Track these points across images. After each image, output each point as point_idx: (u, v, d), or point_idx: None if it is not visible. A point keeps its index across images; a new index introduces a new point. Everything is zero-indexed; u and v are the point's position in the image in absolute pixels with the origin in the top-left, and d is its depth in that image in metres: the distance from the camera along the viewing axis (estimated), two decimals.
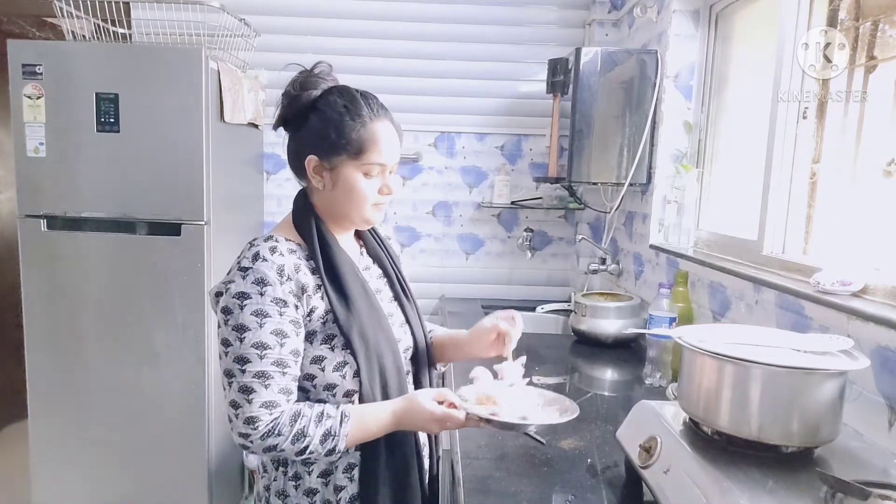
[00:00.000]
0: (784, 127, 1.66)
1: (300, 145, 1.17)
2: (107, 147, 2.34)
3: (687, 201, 2.14)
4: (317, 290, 1.13)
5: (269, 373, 1.07)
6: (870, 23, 1.46)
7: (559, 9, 2.99)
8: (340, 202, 1.17)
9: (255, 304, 1.07)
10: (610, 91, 2.39)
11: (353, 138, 1.13)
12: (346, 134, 1.13)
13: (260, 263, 1.08)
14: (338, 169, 1.15)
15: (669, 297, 1.89)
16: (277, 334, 1.07)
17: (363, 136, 1.14)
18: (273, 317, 1.07)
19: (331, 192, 1.17)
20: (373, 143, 1.14)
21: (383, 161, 1.16)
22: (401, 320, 1.29)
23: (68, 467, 2.51)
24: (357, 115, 1.14)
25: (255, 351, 1.06)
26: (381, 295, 1.27)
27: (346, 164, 1.14)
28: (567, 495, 1.19)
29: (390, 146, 1.18)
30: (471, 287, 3.11)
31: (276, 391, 1.07)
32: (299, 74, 1.18)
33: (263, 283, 1.07)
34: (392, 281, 1.32)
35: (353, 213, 1.18)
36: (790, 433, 0.96)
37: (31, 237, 2.41)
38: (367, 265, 1.30)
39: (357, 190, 1.15)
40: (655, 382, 1.84)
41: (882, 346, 1.15)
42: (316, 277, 1.13)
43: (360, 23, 2.95)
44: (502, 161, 3.06)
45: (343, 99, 1.15)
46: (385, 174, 1.19)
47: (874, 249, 1.38)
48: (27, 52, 2.33)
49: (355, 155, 1.14)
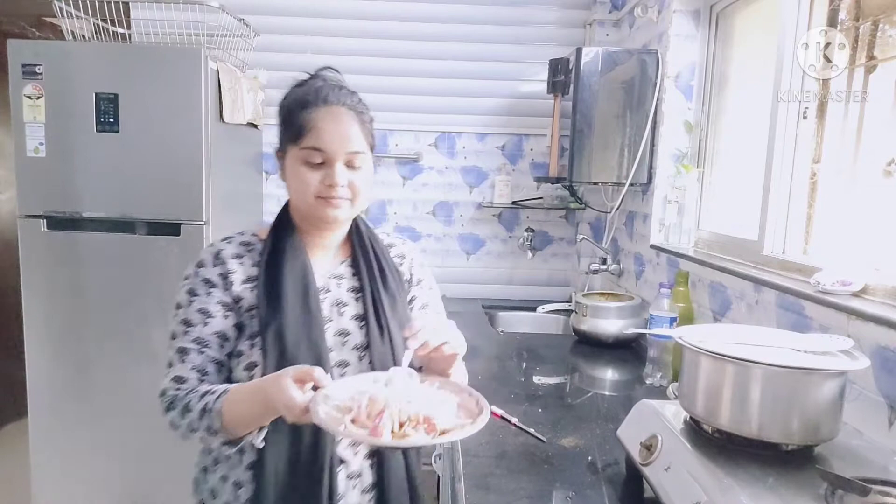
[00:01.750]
0: (784, 127, 1.66)
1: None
2: (106, 147, 2.35)
3: (687, 201, 2.14)
4: (247, 282, 1.13)
5: (188, 349, 1.09)
6: (870, 23, 1.46)
7: (560, 9, 2.99)
8: (290, 193, 1.17)
9: (190, 284, 1.13)
10: (610, 91, 2.39)
11: (295, 123, 1.11)
12: (292, 119, 1.12)
13: (206, 249, 1.17)
14: (286, 157, 1.15)
15: (670, 297, 1.89)
16: (203, 313, 1.10)
17: (303, 121, 1.10)
18: (201, 296, 1.11)
19: (287, 184, 1.16)
20: (311, 127, 1.09)
21: (320, 146, 1.09)
22: (357, 342, 1.16)
23: (68, 467, 2.51)
24: (304, 100, 1.12)
25: (182, 327, 1.10)
26: (342, 309, 1.18)
27: (291, 151, 1.13)
28: (568, 492, 1.19)
29: (332, 133, 1.10)
30: (471, 287, 3.11)
31: (188, 367, 1.08)
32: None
33: (200, 265, 1.14)
34: (366, 300, 1.18)
35: (300, 204, 1.14)
36: (790, 432, 0.96)
37: (31, 237, 2.41)
38: (338, 274, 1.21)
39: (296, 178, 1.12)
40: (656, 382, 1.84)
41: (882, 346, 1.15)
42: (255, 271, 1.14)
43: (359, 23, 2.95)
44: (503, 161, 3.06)
45: (301, 87, 1.15)
46: (333, 166, 1.10)
47: (874, 249, 1.38)
48: (27, 52, 2.33)
49: (295, 140, 1.11)
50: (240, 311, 1.12)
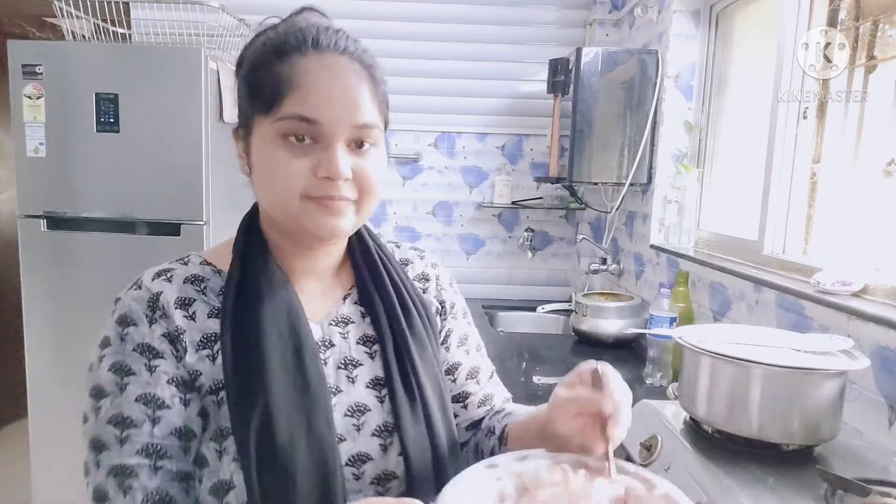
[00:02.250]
0: (784, 127, 1.66)
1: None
2: (106, 147, 2.35)
3: (687, 201, 2.14)
4: (205, 346, 0.73)
5: (131, 467, 0.67)
6: (870, 23, 1.46)
7: (560, 9, 2.99)
8: (260, 193, 0.77)
9: (114, 354, 0.70)
10: (610, 91, 2.39)
11: (266, 81, 0.71)
12: (260, 76, 0.72)
13: (130, 293, 0.73)
14: (252, 136, 0.74)
15: (670, 297, 1.89)
16: (148, 402, 0.69)
17: (281, 75, 0.70)
18: (139, 374, 0.69)
19: (252, 180, 0.77)
20: (294, 86, 0.69)
21: (310, 114, 0.69)
22: (379, 423, 0.77)
23: (68, 467, 2.50)
24: (280, 46, 0.72)
25: (113, 431, 0.68)
26: (353, 372, 0.79)
27: (261, 126, 0.73)
28: None
29: (330, 93, 0.70)
30: (471, 287, 3.11)
31: (139, 500, 0.67)
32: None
33: (125, 322, 0.71)
34: (387, 355, 0.80)
35: (276, 210, 0.74)
36: (790, 432, 0.96)
37: (31, 237, 2.41)
38: (343, 317, 0.82)
39: (271, 167, 0.71)
40: (656, 382, 1.84)
41: (882, 346, 1.15)
42: (216, 323, 0.74)
43: (359, 23, 2.95)
44: (503, 161, 3.06)
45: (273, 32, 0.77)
46: (332, 146, 0.70)
47: (874, 249, 1.38)
48: (27, 52, 2.33)
49: (266, 108, 0.71)
50: (199, 393, 0.72)
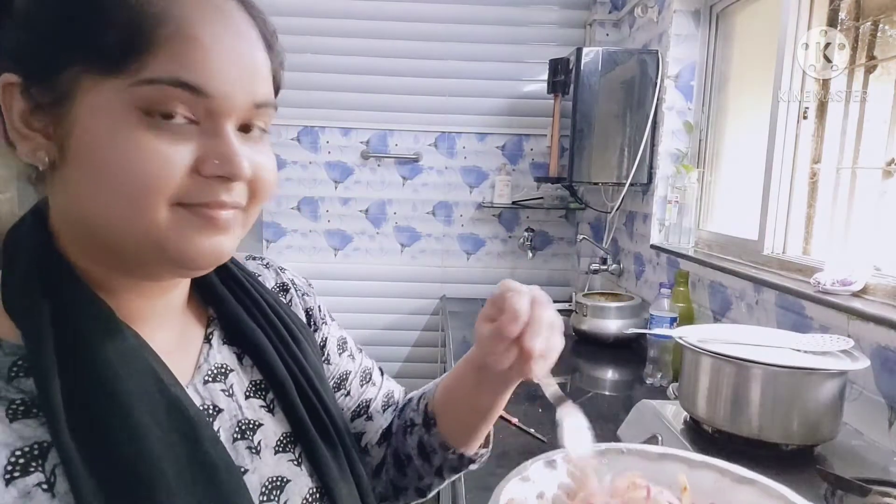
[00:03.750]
0: (784, 127, 1.66)
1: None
2: None
3: (687, 201, 2.14)
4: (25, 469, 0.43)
5: None
6: (870, 23, 1.46)
7: (560, 9, 2.99)
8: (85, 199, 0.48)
9: None
10: (611, 91, 2.39)
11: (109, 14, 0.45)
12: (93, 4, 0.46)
13: None
14: (71, 102, 0.46)
15: (670, 297, 1.89)
16: None
17: (144, 9, 0.45)
18: None
19: (62, 175, 0.49)
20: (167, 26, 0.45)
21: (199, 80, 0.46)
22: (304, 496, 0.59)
23: None
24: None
25: None
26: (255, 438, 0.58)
27: (94, 89, 0.46)
28: None
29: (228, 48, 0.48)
30: (472, 287, 3.11)
31: None
32: None
33: None
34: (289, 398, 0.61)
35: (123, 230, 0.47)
36: (790, 432, 0.97)
37: None
38: (220, 368, 0.60)
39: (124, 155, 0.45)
40: (656, 382, 1.84)
41: (882, 346, 1.15)
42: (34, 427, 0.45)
43: (359, 23, 2.95)
44: (503, 161, 3.06)
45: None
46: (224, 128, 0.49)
47: (874, 249, 1.38)
48: None
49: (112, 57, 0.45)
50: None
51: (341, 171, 3.03)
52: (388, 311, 3.09)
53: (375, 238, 3.09)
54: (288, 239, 3.07)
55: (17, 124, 0.47)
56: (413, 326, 3.13)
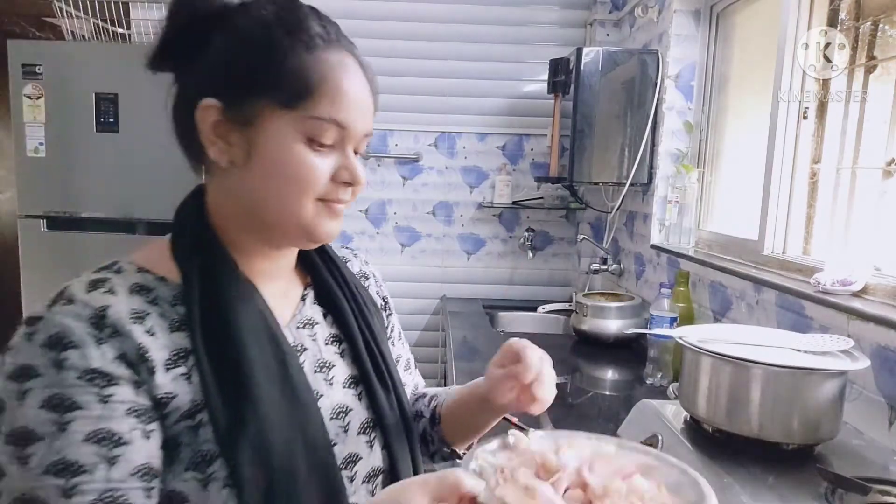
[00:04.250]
0: (784, 127, 1.66)
1: (191, 87, 0.68)
2: (106, 147, 2.35)
3: (688, 201, 2.14)
4: (176, 363, 0.63)
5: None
6: (870, 23, 1.46)
7: (560, 9, 2.99)
8: (259, 191, 0.67)
9: (48, 388, 0.56)
10: (611, 91, 2.39)
11: (288, 68, 0.64)
12: (277, 60, 0.64)
13: (60, 309, 0.59)
14: (257, 125, 0.65)
15: (670, 297, 1.89)
16: (101, 440, 0.56)
17: (310, 69, 0.65)
18: (88, 407, 0.56)
19: (241, 173, 0.67)
20: (327, 82, 0.65)
21: (343, 119, 0.66)
22: (361, 422, 0.76)
23: None
24: (299, 33, 0.65)
25: (52, 482, 0.54)
26: (329, 374, 0.76)
27: (274, 117, 0.65)
28: None
29: (357, 100, 0.68)
30: (472, 287, 3.11)
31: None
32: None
33: (60, 345, 0.57)
34: (357, 350, 0.79)
35: (282, 213, 0.68)
36: (791, 431, 0.96)
37: (31, 237, 2.41)
38: (309, 319, 0.78)
39: (294, 165, 0.65)
40: (656, 382, 1.84)
41: (882, 346, 1.15)
42: (182, 337, 0.64)
43: (359, 23, 2.95)
44: (503, 161, 3.06)
45: (276, 5, 0.67)
46: (347, 152, 0.69)
47: (874, 249, 1.38)
48: (27, 52, 2.33)
49: (293, 99, 0.65)
50: (166, 419, 0.61)
51: None
52: None
53: (375, 238, 3.09)
54: None
55: (209, 134, 0.67)
56: (413, 326, 3.13)
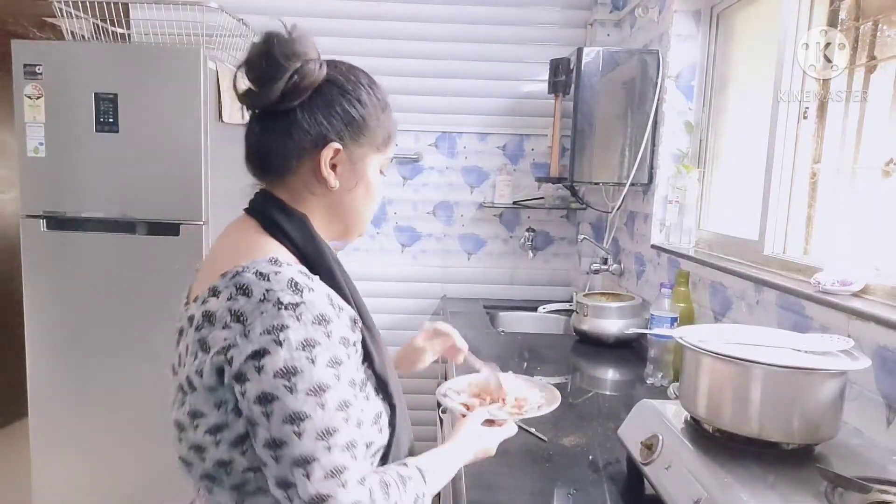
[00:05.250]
0: (785, 127, 1.66)
1: (312, 130, 0.88)
2: (106, 147, 2.35)
3: (688, 201, 2.14)
4: (354, 325, 0.87)
5: (355, 439, 0.80)
6: (870, 23, 1.46)
7: (561, 9, 2.99)
8: (356, 206, 0.95)
9: (327, 351, 0.78)
10: (611, 91, 2.39)
11: (381, 126, 0.93)
12: (375, 118, 0.92)
13: (308, 295, 0.80)
14: (362, 162, 0.92)
15: (671, 297, 1.89)
16: (353, 384, 0.82)
17: (389, 125, 0.95)
18: (345, 363, 0.81)
19: (344, 194, 0.92)
20: (394, 133, 0.97)
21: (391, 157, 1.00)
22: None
23: (68, 466, 2.51)
24: (383, 98, 0.94)
25: (340, 415, 0.78)
26: None
27: (371, 157, 0.93)
28: (569, 490, 1.19)
29: None
30: (472, 287, 3.11)
31: (361, 463, 0.80)
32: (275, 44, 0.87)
33: (325, 321, 0.79)
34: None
35: (363, 220, 0.97)
36: (791, 431, 0.97)
37: (31, 237, 2.41)
38: None
39: (376, 189, 0.96)
40: (657, 382, 1.84)
41: (882, 346, 1.15)
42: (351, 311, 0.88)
43: (359, 23, 2.95)
44: (504, 161, 3.06)
45: (364, 76, 0.95)
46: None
47: (874, 249, 1.38)
48: (27, 52, 2.33)
49: (383, 146, 0.95)
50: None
51: None
52: (388, 311, 3.09)
53: (376, 238, 3.09)
54: None
55: (326, 167, 0.90)
56: (414, 326, 3.11)
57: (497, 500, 1.16)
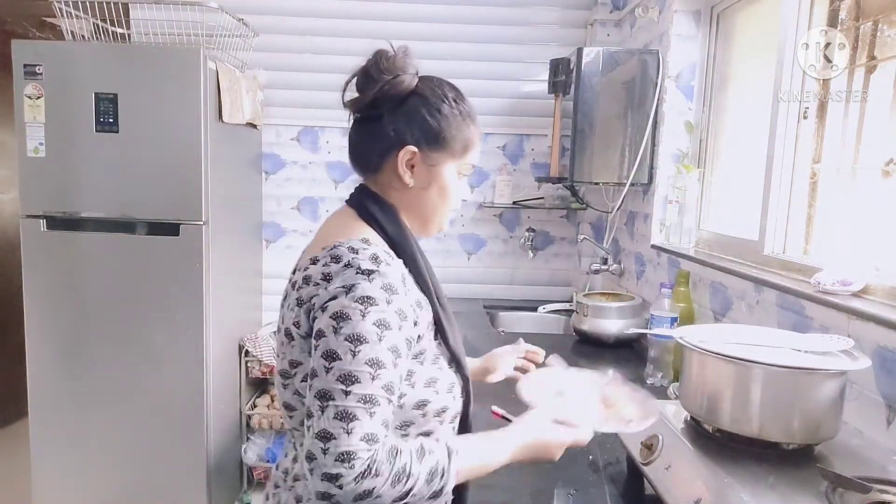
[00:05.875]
0: (785, 127, 1.66)
1: (392, 134, 1.01)
2: (106, 147, 2.35)
3: (688, 201, 2.14)
4: (418, 306, 0.99)
5: (377, 398, 0.87)
6: (870, 23, 1.46)
7: (561, 9, 2.99)
8: (429, 203, 1.06)
9: (380, 313, 0.89)
10: (611, 91, 2.39)
11: (460, 135, 1.04)
12: (455, 128, 1.03)
13: (384, 267, 0.93)
14: (438, 166, 1.04)
15: (671, 297, 1.89)
16: (394, 352, 0.90)
17: (469, 135, 1.05)
18: (393, 329, 0.90)
19: (420, 191, 1.05)
20: (475, 142, 1.07)
21: (476, 163, 1.11)
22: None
23: (68, 466, 2.51)
24: (465, 111, 1.05)
25: (367, 369, 0.87)
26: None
27: (448, 162, 1.04)
28: (569, 489, 1.19)
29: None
30: (473, 287, 3.11)
31: (378, 421, 0.87)
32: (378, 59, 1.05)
33: (391, 290, 0.91)
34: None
35: (438, 217, 1.09)
36: (791, 431, 0.97)
37: (31, 237, 2.41)
38: None
39: (453, 191, 1.06)
40: (657, 382, 1.84)
41: (882, 346, 1.15)
42: (417, 289, 1.02)
43: (359, 23, 2.95)
44: (504, 161, 3.06)
45: (451, 90, 1.05)
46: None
47: (874, 249, 1.38)
48: (28, 52, 2.33)
49: (460, 153, 1.05)
50: (421, 339, 0.98)
51: (341, 171, 3.03)
52: None
53: None
54: (288, 239, 3.07)
55: (403, 166, 1.02)
56: None
57: (497, 500, 1.16)
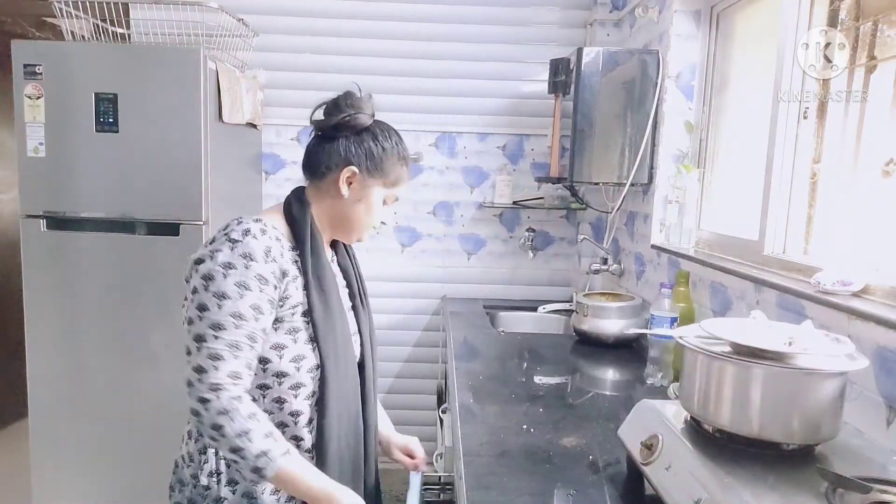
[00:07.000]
0: (785, 127, 1.66)
1: (343, 154, 1.25)
2: (106, 147, 2.35)
3: (688, 201, 2.14)
4: (294, 280, 1.19)
5: (241, 343, 1.11)
6: (870, 23, 1.46)
7: (561, 9, 2.99)
8: (355, 215, 1.29)
9: (239, 276, 1.11)
10: (611, 91, 2.39)
11: (394, 170, 1.30)
12: (391, 163, 1.29)
13: (249, 239, 1.14)
14: (370, 188, 1.28)
15: (671, 297, 1.89)
16: (255, 308, 1.12)
17: (401, 173, 1.32)
18: (253, 291, 1.11)
19: (351, 204, 1.28)
20: (403, 180, 1.34)
21: (400, 195, 1.36)
22: (353, 329, 1.37)
23: (68, 466, 2.51)
24: (403, 153, 1.33)
25: (231, 320, 1.10)
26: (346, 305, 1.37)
27: (379, 187, 1.29)
28: (569, 490, 1.19)
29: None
30: (473, 287, 3.11)
31: (242, 363, 1.11)
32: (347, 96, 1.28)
33: (250, 258, 1.12)
34: (353, 292, 1.40)
35: (358, 227, 1.31)
36: (791, 431, 0.96)
37: (31, 237, 2.41)
38: (335, 272, 1.37)
39: (376, 211, 1.31)
40: (657, 382, 1.84)
41: (882, 346, 1.15)
42: (296, 268, 1.20)
43: (359, 23, 2.95)
44: (504, 161, 3.06)
45: (396, 136, 1.34)
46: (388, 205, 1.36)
47: (874, 249, 1.38)
48: (28, 52, 2.33)
49: (391, 184, 1.30)
50: (281, 308, 1.17)
51: None
52: (388, 311, 3.09)
53: (376, 238, 3.09)
54: None
55: (343, 180, 1.25)
56: (414, 326, 3.13)
57: (497, 500, 1.16)
